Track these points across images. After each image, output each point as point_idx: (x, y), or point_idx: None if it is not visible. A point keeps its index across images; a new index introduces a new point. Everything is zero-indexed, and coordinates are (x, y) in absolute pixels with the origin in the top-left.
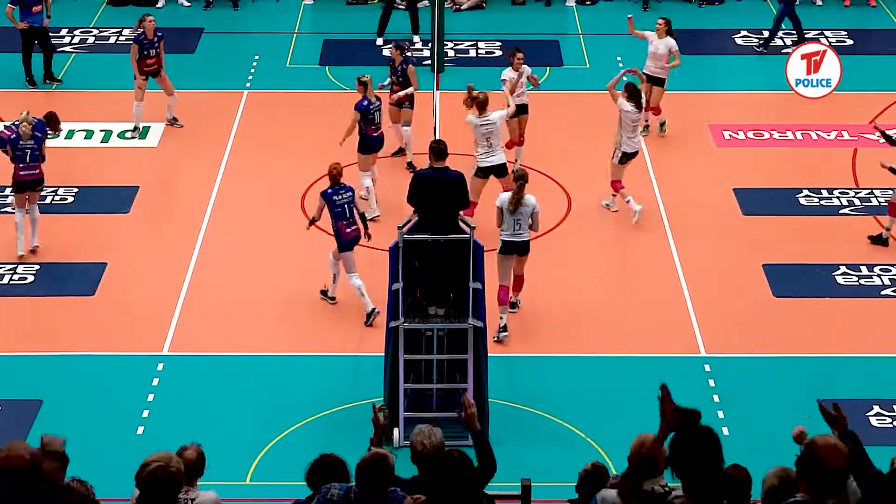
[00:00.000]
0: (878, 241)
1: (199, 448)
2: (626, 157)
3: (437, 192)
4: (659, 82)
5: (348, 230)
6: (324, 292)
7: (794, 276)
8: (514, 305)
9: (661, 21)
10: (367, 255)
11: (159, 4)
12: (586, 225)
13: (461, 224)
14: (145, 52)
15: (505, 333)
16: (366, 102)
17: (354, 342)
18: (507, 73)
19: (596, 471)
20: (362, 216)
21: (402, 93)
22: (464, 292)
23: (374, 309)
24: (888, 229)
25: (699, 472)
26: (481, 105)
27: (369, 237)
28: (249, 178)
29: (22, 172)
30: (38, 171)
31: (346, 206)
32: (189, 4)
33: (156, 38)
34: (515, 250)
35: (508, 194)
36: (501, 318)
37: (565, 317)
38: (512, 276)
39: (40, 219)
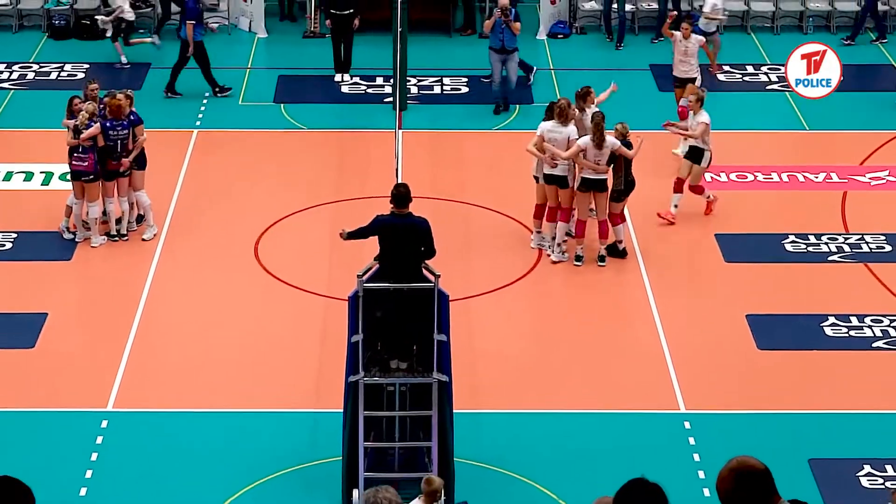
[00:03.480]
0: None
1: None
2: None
3: (401, 239)
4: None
5: (114, 163)
6: (113, 231)
7: (780, 327)
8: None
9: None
10: (323, 304)
11: (108, 34)
12: (559, 273)
13: (425, 272)
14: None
15: (576, 261)
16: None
17: (311, 398)
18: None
19: None
20: (130, 153)
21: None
22: (428, 344)
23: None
24: (620, 241)
25: None
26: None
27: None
28: (199, 221)
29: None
30: (86, 163)
31: (118, 141)
32: (159, 45)
33: (127, 121)
34: (593, 187)
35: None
36: (578, 248)
37: (536, 370)
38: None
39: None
